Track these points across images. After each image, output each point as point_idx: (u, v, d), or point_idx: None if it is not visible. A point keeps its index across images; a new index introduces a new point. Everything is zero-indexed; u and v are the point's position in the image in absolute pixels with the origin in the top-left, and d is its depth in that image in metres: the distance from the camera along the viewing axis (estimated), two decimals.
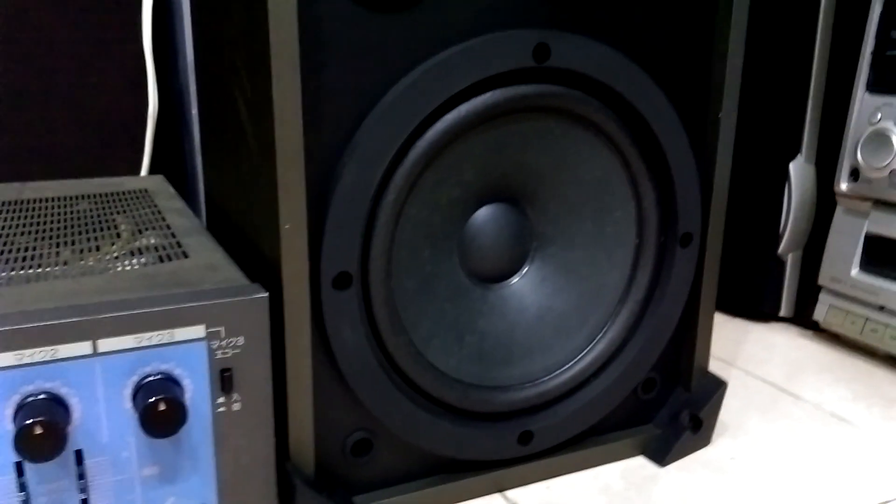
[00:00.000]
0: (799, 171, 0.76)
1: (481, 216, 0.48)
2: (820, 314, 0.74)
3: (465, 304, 0.48)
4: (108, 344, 0.35)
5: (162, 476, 0.38)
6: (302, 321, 0.40)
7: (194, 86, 0.79)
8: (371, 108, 0.41)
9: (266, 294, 0.38)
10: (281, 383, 0.41)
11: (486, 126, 0.45)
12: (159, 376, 0.36)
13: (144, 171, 0.81)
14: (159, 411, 0.35)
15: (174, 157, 0.86)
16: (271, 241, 0.41)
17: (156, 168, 0.82)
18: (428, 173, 0.44)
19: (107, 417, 0.36)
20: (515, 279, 0.50)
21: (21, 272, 0.42)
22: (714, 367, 0.69)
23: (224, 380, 0.38)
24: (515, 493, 0.50)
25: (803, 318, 0.79)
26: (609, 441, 0.53)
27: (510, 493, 0.50)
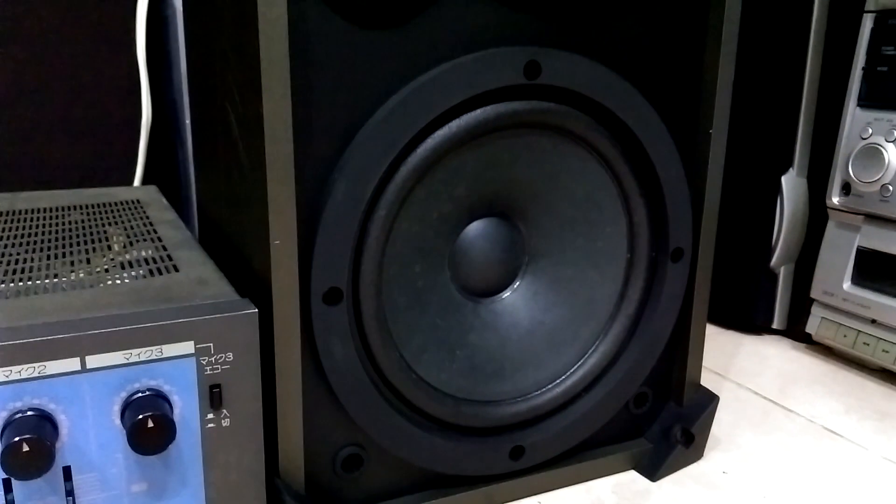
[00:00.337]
0: (791, 185, 0.76)
1: (473, 231, 0.48)
2: (812, 327, 0.74)
3: (457, 319, 0.48)
4: (97, 360, 0.35)
5: (151, 493, 0.37)
6: (292, 336, 0.40)
7: (187, 96, 0.79)
8: (362, 125, 0.41)
9: (255, 310, 0.38)
10: (270, 399, 0.41)
11: (478, 142, 0.45)
12: (148, 392, 0.36)
13: (138, 181, 0.81)
14: (148, 428, 0.35)
15: (167, 167, 0.86)
16: (261, 256, 0.41)
17: (149, 177, 0.82)
18: (419, 189, 0.44)
19: (95, 434, 0.35)
20: (507, 293, 0.50)
21: (11, 285, 0.42)
22: (706, 380, 0.70)
23: (213, 396, 0.38)
24: None
25: (796, 331, 0.79)
26: (601, 455, 0.53)
27: None
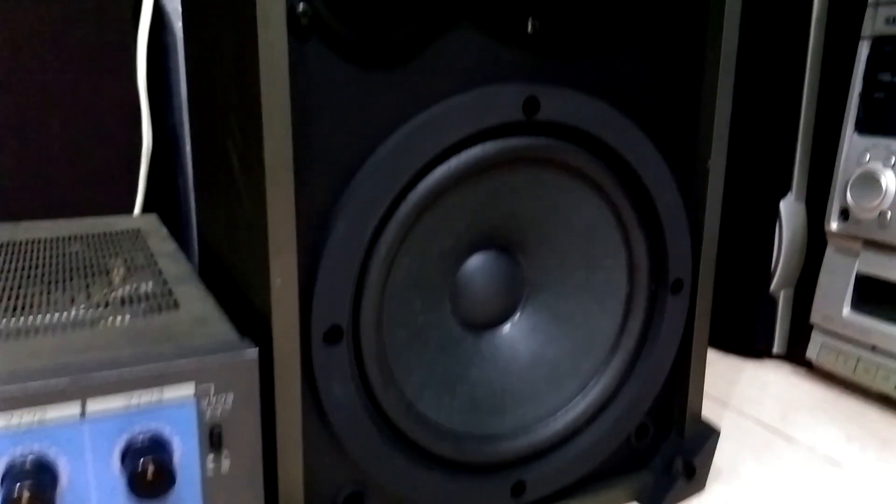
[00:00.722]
0: (789, 209, 0.76)
1: (473, 264, 0.48)
2: (813, 352, 0.74)
3: (458, 354, 0.48)
4: (98, 404, 0.35)
5: None
6: (292, 376, 0.40)
7: (188, 124, 0.80)
8: (361, 164, 0.41)
9: (256, 351, 0.38)
10: (271, 439, 0.41)
11: (477, 178, 0.45)
12: (148, 437, 0.36)
13: (138, 209, 0.81)
14: (148, 475, 0.35)
15: (168, 193, 0.86)
16: (262, 294, 0.41)
17: (150, 205, 0.82)
18: (419, 225, 0.44)
19: (95, 480, 0.35)
20: (507, 326, 0.50)
21: (11, 322, 0.42)
22: (707, 407, 0.69)
23: (213, 438, 0.38)
24: None
25: (796, 355, 0.79)
26: (602, 488, 0.53)
27: None
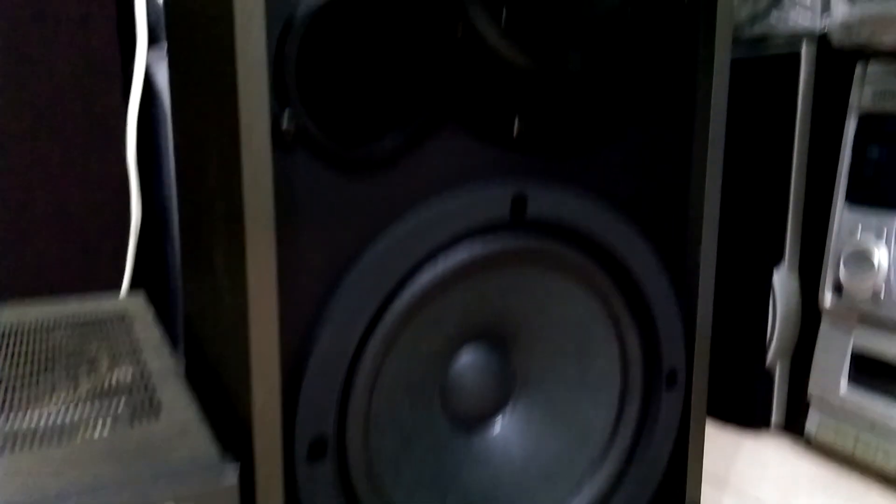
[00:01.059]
0: (783, 280, 0.76)
1: (463, 360, 0.47)
2: (811, 427, 0.73)
3: (448, 457, 0.46)
4: None
5: None
6: (274, 495, 0.39)
7: (176, 200, 0.79)
8: (346, 272, 0.40)
9: (237, 472, 0.37)
10: None
11: (465, 278, 0.44)
12: None
13: (126, 283, 0.80)
14: None
15: (157, 268, 0.85)
16: (244, 405, 0.40)
17: (139, 278, 0.82)
18: (406, 330, 0.43)
19: None
20: (499, 424, 0.49)
21: None
22: (707, 486, 0.68)
23: None
24: None
25: (795, 427, 0.78)
26: None
27: None
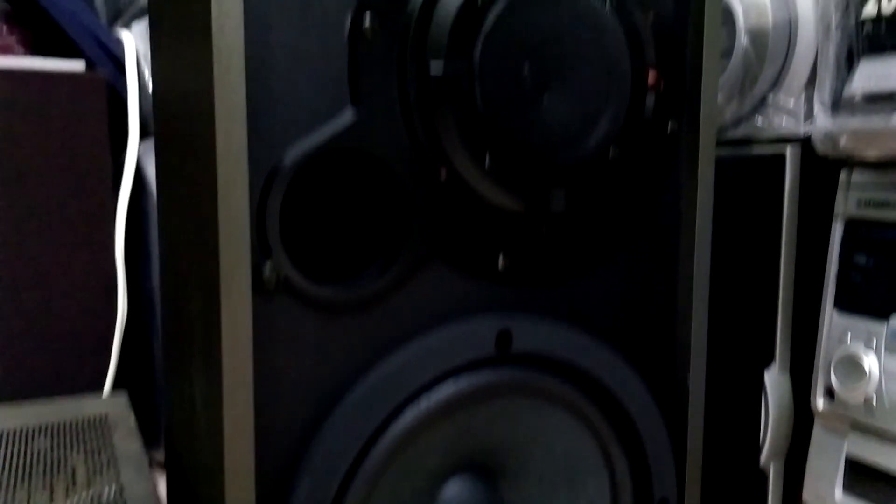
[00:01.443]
0: (774, 381, 0.75)
1: (449, 492, 0.46)
2: None
3: None
4: None
5: None
6: None
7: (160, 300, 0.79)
8: (326, 416, 0.39)
9: None
10: None
11: (450, 414, 0.43)
12: None
13: (109, 383, 0.78)
14: None
15: (142, 364, 0.84)
16: None
17: (123, 376, 0.80)
18: (389, 471, 0.42)
19: None
20: None
21: None
22: None
23: None
24: None
25: None
26: None
27: None
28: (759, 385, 0.76)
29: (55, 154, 0.78)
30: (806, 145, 0.73)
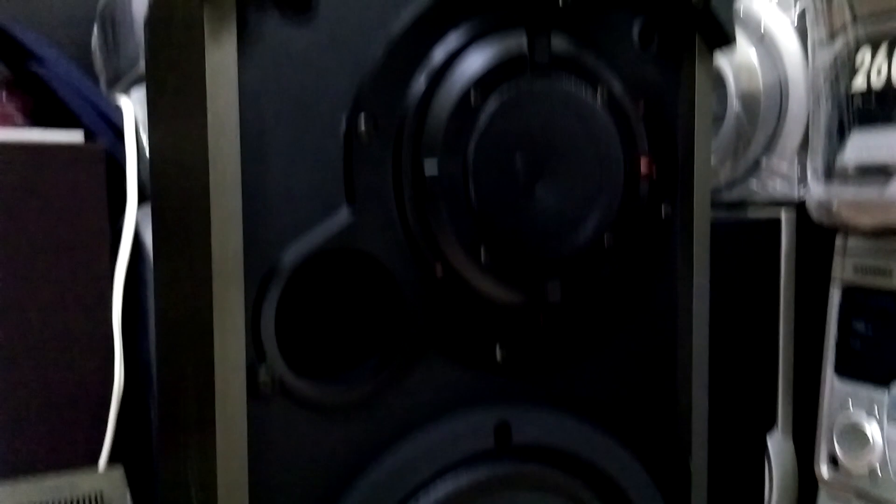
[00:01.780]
0: (777, 445, 0.74)
1: None
2: None
3: None
4: None
5: None
6: None
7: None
8: None
9: None
10: None
11: None
12: None
13: (105, 457, 0.77)
14: None
15: (138, 434, 0.83)
16: None
17: (118, 447, 0.79)
18: None
19: None
20: None
21: None
22: None
23: None
24: None
25: None
26: None
27: None
28: (762, 450, 0.75)
29: (52, 223, 0.78)
30: (801, 209, 0.73)
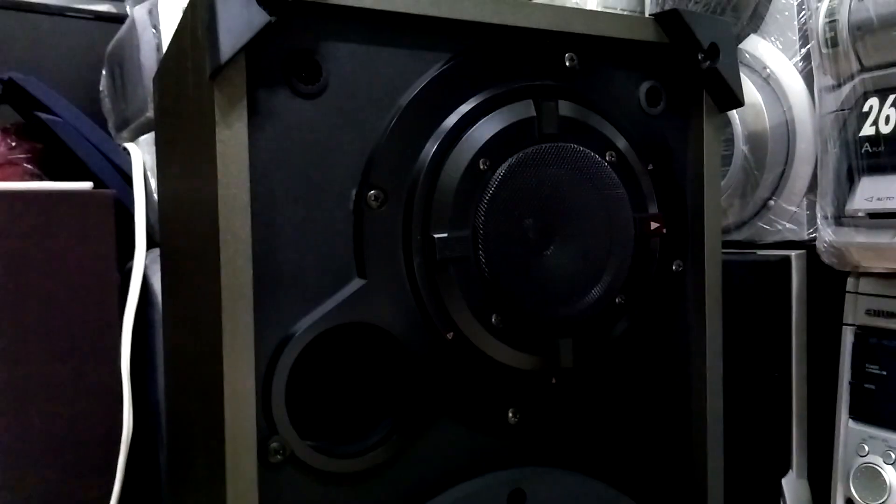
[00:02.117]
0: (792, 488, 0.74)
1: None
2: None
3: None
4: None
5: None
6: None
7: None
8: None
9: None
10: None
11: None
12: None
13: (115, 501, 0.77)
14: None
15: (147, 478, 0.83)
16: None
17: (128, 493, 0.79)
18: None
19: None
20: None
21: None
22: None
23: None
24: None
25: None
26: None
27: None
28: (778, 494, 0.74)
29: (61, 270, 0.79)
30: (811, 250, 0.73)
